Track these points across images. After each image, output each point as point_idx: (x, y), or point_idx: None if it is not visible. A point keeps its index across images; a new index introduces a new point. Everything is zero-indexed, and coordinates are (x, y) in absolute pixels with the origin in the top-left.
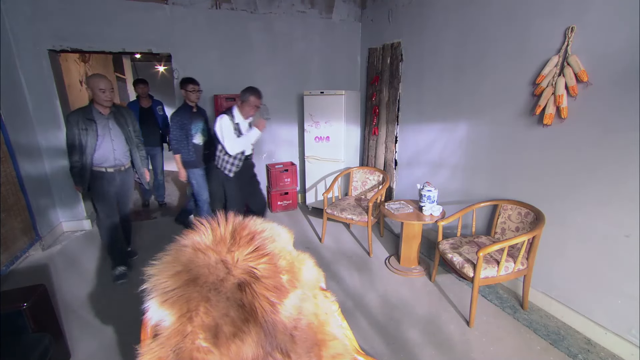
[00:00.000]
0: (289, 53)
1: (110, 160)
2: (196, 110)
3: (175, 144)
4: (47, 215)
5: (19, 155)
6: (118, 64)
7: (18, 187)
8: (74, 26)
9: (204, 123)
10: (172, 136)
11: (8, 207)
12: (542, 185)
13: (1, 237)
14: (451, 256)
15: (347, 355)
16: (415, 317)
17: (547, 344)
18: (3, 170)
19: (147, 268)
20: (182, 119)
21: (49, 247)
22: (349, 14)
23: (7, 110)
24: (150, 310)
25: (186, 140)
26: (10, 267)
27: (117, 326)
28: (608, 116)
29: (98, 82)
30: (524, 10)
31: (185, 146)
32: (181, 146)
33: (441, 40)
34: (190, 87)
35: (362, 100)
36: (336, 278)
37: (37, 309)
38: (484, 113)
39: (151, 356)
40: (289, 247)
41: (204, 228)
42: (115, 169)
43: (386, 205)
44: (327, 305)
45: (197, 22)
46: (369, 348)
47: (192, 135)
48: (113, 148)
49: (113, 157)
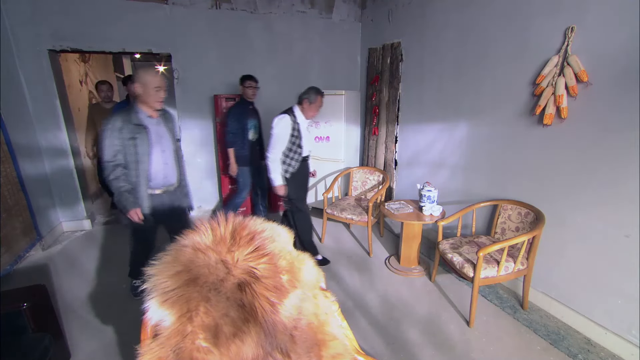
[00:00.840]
0: (289, 53)
1: (159, 178)
2: (252, 107)
3: (231, 137)
4: (47, 215)
5: (19, 155)
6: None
7: (19, 187)
8: (74, 26)
9: (257, 120)
10: (229, 129)
11: (9, 207)
12: (542, 185)
13: (2, 237)
14: (451, 256)
15: (347, 355)
16: (415, 317)
17: (547, 344)
18: (3, 171)
19: (147, 268)
20: (240, 113)
21: (49, 247)
22: (349, 14)
23: (7, 110)
24: (150, 310)
25: (242, 134)
26: (14, 267)
27: (117, 326)
28: (608, 116)
29: (153, 78)
30: (524, 10)
31: (241, 140)
32: (236, 139)
33: (441, 40)
34: (247, 83)
35: (362, 100)
36: (336, 278)
37: (37, 309)
38: (484, 113)
39: (151, 356)
40: (289, 247)
41: (204, 228)
42: (164, 190)
43: (386, 205)
44: (327, 305)
45: (197, 22)
46: (369, 348)
47: (247, 131)
48: (164, 162)
49: (163, 174)
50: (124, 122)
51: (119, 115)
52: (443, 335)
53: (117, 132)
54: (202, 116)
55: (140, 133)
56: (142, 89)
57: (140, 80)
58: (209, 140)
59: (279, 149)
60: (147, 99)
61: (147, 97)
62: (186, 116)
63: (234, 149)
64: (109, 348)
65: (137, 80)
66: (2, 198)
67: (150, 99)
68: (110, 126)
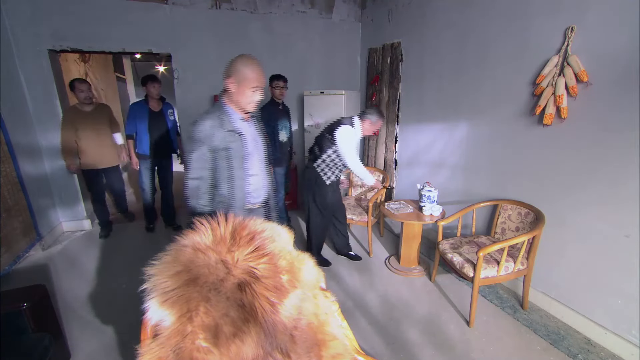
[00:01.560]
0: (289, 53)
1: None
2: (282, 107)
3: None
4: (47, 215)
5: (19, 155)
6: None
7: (19, 187)
8: (74, 26)
9: (288, 120)
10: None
11: (9, 207)
12: (542, 185)
13: (2, 236)
14: (451, 256)
15: (347, 355)
16: (415, 317)
17: (547, 344)
18: (3, 170)
19: (147, 268)
20: (270, 114)
21: (49, 247)
22: (349, 14)
23: (7, 110)
24: (150, 310)
25: (272, 137)
26: (13, 267)
27: (117, 326)
28: (608, 116)
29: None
30: (524, 10)
31: (272, 143)
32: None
33: (441, 40)
34: (275, 83)
35: (362, 100)
36: (336, 278)
37: (37, 309)
38: (484, 113)
39: (151, 356)
40: (289, 247)
41: (204, 228)
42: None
43: (386, 205)
44: (327, 305)
45: (197, 22)
46: (369, 348)
47: (277, 132)
48: (262, 171)
49: (262, 184)
50: (216, 127)
51: (209, 118)
52: (443, 335)
53: (208, 140)
54: None
55: (236, 141)
56: (235, 87)
57: (236, 74)
58: None
59: (355, 155)
60: (239, 100)
61: (240, 98)
62: (186, 116)
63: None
64: (109, 348)
65: (233, 72)
66: (2, 198)
67: (241, 101)
68: (202, 134)
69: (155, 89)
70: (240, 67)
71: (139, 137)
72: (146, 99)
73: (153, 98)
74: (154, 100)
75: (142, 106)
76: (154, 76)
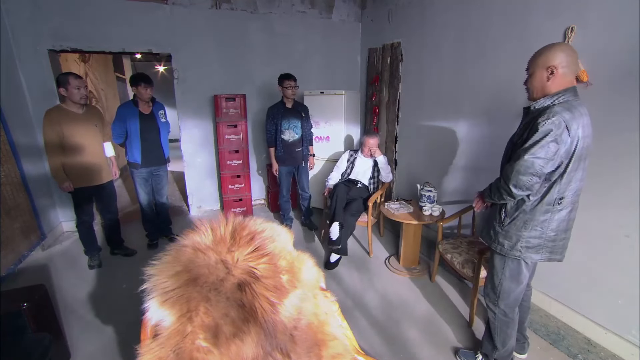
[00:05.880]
0: (289, 53)
1: None
2: (291, 107)
3: (269, 137)
4: (47, 215)
5: (21, 156)
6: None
7: (22, 187)
8: (74, 26)
9: (298, 120)
10: (267, 129)
11: (13, 207)
12: None
13: (6, 236)
14: (451, 256)
15: (347, 355)
16: (415, 317)
17: (547, 344)
18: (5, 170)
19: (147, 268)
20: (274, 112)
21: (49, 247)
22: (349, 14)
23: (7, 110)
24: (150, 310)
25: (276, 135)
26: (18, 267)
27: (117, 326)
28: (608, 116)
29: None
30: (524, 10)
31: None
32: (271, 139)
33: (441, 40)
34: (285, 82)
35: (362, 100)
36: (336, 278)
37: (37, 309)
38: (484, 113)
39: (151, 356)
40: (289, 247)
41: (204, 228)
42: None
43: (386, 205)
44: (327, 305)
45: (197, 22)
46: (369, 348)
47: (281, 131)
48: None
49: None
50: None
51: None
52: (443, 335)
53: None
54: (202, 116)
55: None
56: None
57: None
58: (209, 140)
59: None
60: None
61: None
62: (186, 116)
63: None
64: (109, 348)
65: None
66: (6, 198)
67: None
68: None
69: (147, 92)
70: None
71: (129, 144)
72: (135, 99)
73: (142, 101)
74: (144, 103)
75: (131, 108)
76: (146, 77)
